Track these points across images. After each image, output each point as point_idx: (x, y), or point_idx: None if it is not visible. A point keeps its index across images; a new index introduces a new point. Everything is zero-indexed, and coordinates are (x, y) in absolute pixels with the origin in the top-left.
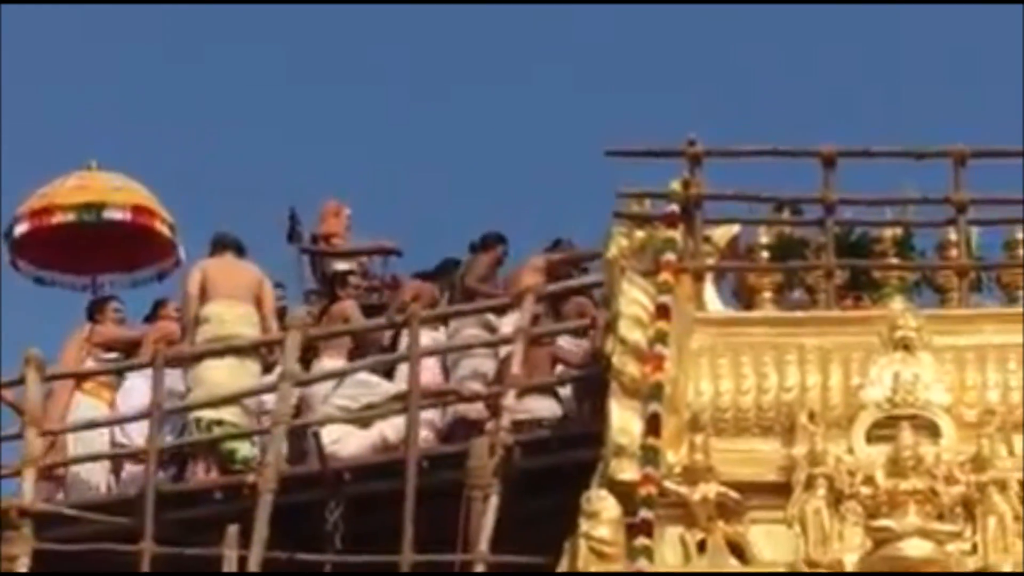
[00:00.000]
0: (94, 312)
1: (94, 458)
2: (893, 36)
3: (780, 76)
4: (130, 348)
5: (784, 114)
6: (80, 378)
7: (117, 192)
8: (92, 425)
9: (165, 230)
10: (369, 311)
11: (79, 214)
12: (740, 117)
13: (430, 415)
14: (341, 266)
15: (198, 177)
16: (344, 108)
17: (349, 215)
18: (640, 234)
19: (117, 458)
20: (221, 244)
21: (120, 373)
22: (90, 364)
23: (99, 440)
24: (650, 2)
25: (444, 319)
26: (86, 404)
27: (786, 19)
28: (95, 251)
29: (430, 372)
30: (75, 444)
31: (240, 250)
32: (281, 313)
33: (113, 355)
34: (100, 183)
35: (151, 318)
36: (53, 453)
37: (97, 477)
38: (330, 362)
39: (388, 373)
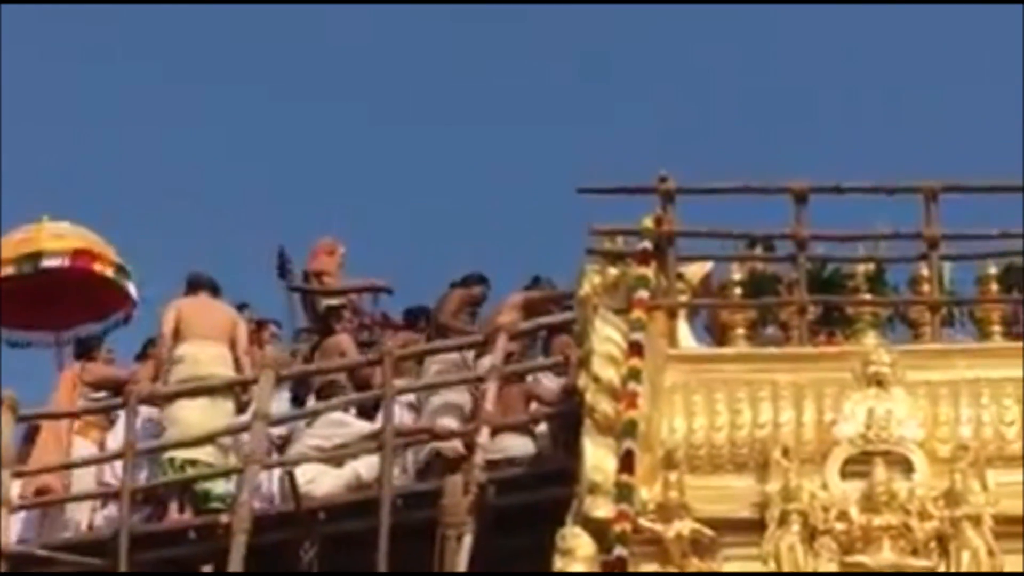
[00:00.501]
0: (89, 350)
1: (74, 499)
2: (882, 47)
3: (752, 111)
4: (119, 388)
5: (756, 150)
6: (70, 418)
7: (57, 240)
8: (67, 466)
9: (108, 271)
10: (359, 348)
11: (19, 266)
12: (712, 153)
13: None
14: (332, 302)
15: (187, 213)
16: (320, 138)
17: (343, 253)
18: (613, 271)
19: (95, 498)
20: (196, 284)
21: (97, 413)
22: (81, 404)
23: (87, 479)
24: (623, 35)
25: (420, 359)
26: (78, 443)
27: (762, 51)
28: (59, 303)
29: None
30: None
31: (215, 290)
32: None
33: (102, 394)
34: (43, 234)
35: (141, 357)
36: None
37: (80, 515)
38: None
39: (366, 413)
